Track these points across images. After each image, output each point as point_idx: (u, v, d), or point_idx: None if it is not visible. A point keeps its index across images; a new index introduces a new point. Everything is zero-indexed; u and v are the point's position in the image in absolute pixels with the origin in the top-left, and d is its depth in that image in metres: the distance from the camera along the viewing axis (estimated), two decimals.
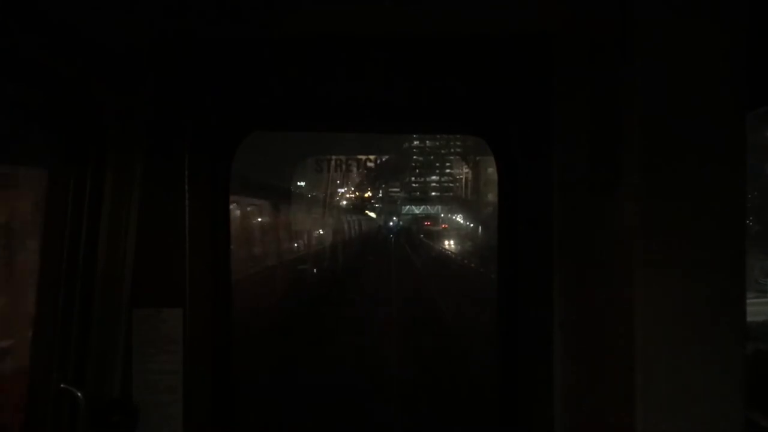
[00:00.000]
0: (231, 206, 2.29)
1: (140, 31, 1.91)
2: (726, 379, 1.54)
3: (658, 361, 1.53)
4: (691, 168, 1.54)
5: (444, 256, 36.82)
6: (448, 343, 10.91)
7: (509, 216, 2.19)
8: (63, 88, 1.81)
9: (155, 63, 2.01)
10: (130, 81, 2.00)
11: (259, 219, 12.20)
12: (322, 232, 20.94)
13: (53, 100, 1.84)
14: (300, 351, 9.18)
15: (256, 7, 1.79)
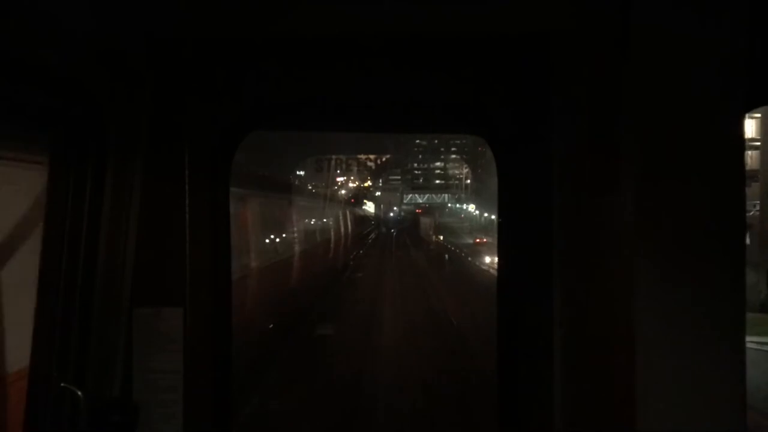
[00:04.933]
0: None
1: (140, 30, 2.01)
2: (726, 379, 1.62)
3: (658, 361, 1.61)
4: (690, 167, 1.63)
5: None
6: None
7: (509, 215, 2.30)
8: (63, 87, 1.90)
9: (155, 62, 2.11)
10: (130, 80, 2.09)
11: None
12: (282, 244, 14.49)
13: (53, 99, 1.93)
14: None
15: (255, 6, 1.90)
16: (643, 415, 1.61)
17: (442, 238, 50.44)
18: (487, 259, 33.25)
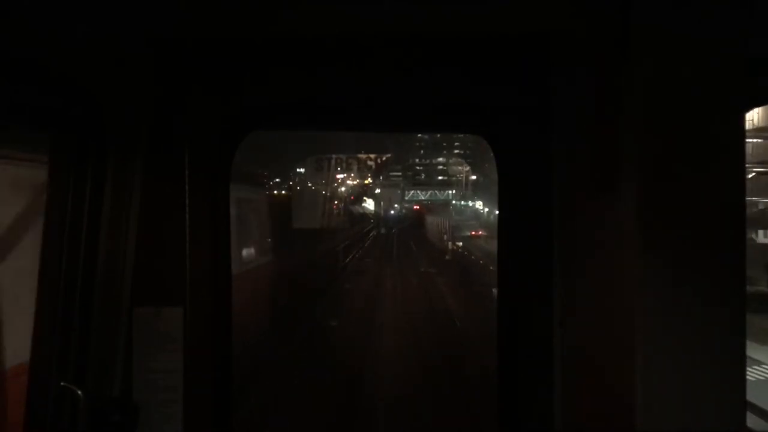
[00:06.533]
0: None
1: (140, 30, 2.04)
2: (726, 379, 1.64)
3: (658, 361, 1.63)
4: (690, 167, 1.65)
5: None
6: None
7: (509, 215, 2.33)
8: (63, 87, 1.94)
9: (155, 63, 2.15)
10: (130, 80, 2.13)
11: None
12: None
13: (53, 99, 1.97)
14: None
15: (255, 6, 1.93)
16: (643, 415, 1.63)
17: (461, 244, 38.77)
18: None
